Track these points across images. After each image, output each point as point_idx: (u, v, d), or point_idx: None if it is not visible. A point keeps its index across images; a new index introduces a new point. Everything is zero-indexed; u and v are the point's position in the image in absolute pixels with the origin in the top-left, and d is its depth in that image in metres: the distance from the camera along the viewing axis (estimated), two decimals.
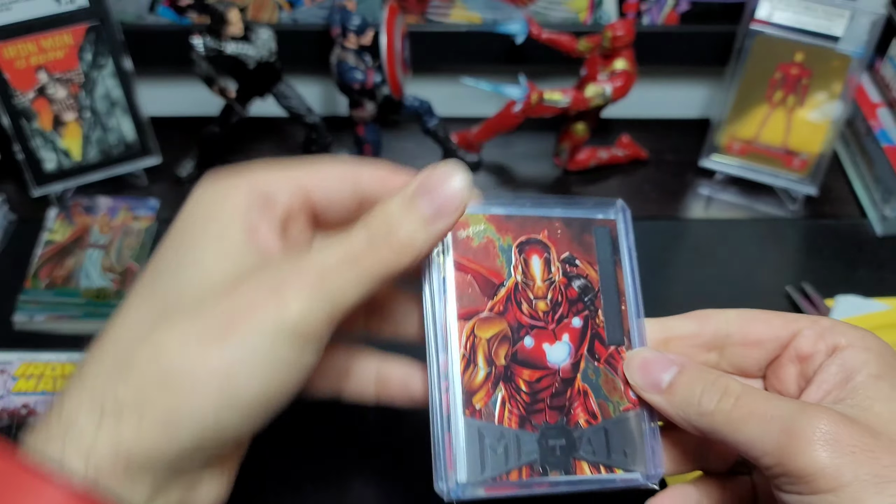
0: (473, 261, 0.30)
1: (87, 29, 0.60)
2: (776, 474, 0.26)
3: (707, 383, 0.27)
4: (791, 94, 0.64)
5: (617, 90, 0.61)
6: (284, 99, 0.63)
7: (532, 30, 0.63)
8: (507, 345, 0.29)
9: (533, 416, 0.29)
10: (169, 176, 0.66)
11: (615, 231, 0.32)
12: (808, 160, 0.65)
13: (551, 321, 0.30)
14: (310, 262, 0.25)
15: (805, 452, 0.25)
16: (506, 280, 0.30)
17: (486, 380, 0.29)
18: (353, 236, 0.26)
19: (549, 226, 0.31)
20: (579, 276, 0.31)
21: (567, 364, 0.30)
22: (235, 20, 0.57)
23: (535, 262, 0.30)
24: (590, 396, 0.30)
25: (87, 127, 0.63)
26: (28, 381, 0.52)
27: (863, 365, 0.27)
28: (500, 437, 0.28)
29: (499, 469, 0.28)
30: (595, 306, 0.31)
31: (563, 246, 0.31)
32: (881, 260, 0.62)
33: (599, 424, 0.30)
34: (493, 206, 0.30)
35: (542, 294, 0.30)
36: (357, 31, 0.60)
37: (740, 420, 0.26)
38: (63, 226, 0.61)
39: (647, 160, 0.70)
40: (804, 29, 0.61)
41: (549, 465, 0.29)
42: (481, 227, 0.30)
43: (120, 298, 0.56)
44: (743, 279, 0.60)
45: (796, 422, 0.25)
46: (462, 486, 0.27)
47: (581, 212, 0.31)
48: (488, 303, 0.29)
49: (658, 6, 0.68)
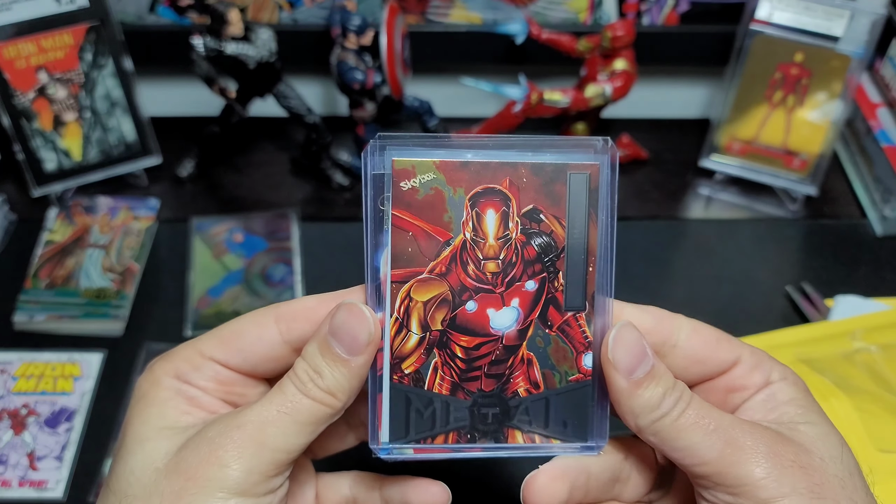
0: (416, 216, 0.27)
1: (87, 29, 0.60)
2: (711, 485, 0.26)
3: (668, 385, 0.27)
4: (791, 94, 0.64)
5: (617, 90, 0.61)
6: (284, 99, 0.63)
7: (532, 30, 0.64)
8: (446, 309, 0.27)
9: (466, 384, 0.28)
10: (169, 176, 0.67)
11: (596, 179, 0.27)
12: (808, 160, 0.65)
13: (500, 284, 0.28)
14: (245, 419, 0.26)
15: (747, 463, 0.25)
16: (452, 238, 0.27)
17: (419, 346, 0.27)
18: (284, 388, 0.27)
19: (512, 173, 0.27)
20: (541, 234, 0.27)
21: (513, 331, 0.28)
22: (236, 20, 0.57)
23: (490, 216, 0.27)
24: (534, 365, 0.28)
25: (88, 127, 0.63)
26: (28, 380, 0.52)
27: (791, 398, 0.28)
28: (428, 403, 0.28)
29: (423, 433, 0.28)
30: (556, 268, 0.28)
31: (527, 197, 0.27)
32: (881, 260, 0.62)
33: (541, 394, 0.28)
34: (445, 150, 0.27)
35: (493, 254, 0.27)
36: (357, 31, 0.60)
37: (685, 427, 0.26)
38: (63, 226, 0.61)
39: (647, 160, 0.70)
40: (804, 29, 0.61)
41: (479, 433, 0.28)
42: (429, 177, 0.27)
43: (120, 298, 0.56)
44: (743, 279, 0.60)
45: (739, 435, 0.26)
46: (387, 447, 0.28)
47: (555, 155, 0.27)
48: (429, 263, 0.27)
49: (658, 6, 0.68)
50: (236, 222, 0.62)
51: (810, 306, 0.57)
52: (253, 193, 0.66)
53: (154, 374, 0.29)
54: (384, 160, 0.27)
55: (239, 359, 0.29)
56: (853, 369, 0.51)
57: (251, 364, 0.29)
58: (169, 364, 0.29)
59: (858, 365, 0.52)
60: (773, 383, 0.28)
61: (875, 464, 0.46)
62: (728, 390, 0.29)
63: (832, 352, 0.53)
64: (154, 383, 0.29)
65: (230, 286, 0.58)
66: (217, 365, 0.29)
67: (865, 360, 0.52)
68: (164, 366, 0.29)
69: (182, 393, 0.29)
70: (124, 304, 0.56)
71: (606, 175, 0.28)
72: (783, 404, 0.28)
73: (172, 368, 0.29)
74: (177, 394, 0.29)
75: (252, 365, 0.29)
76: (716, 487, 0.26)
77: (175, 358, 0.29)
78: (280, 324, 0.29)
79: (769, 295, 0.59)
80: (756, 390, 0.28)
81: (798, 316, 0.57)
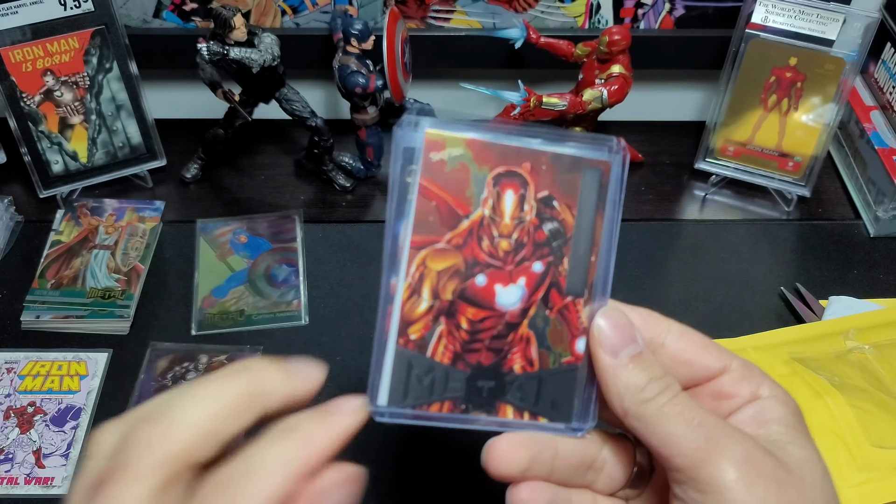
0: (441, 187, 0.28)
1: (92, 33, 0.61)
2: (684, 479, 0.26)
3: (656, 374, 0.27)
4: (785, 97, 0.64)
5: (613, 94, 0.62)
6: (288, 102, 0.64)
7: (530, 35, 0.64)
8: (458, 280, 0.28)
9: (467, 355, 0.28)
10: (174, 178, 0.67)
11: (607, 175, 0.29)
12: (802, 162, 0.66)
13: (510, 262, 0.28)
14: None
15: (721, 463, 0.25)
16: (472, 212, 0.28)
17: (427, 312, 0.28)
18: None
19: (534, 159, 0.28)
20: (553, 219, 0.29)
21: (517, 308, 0.29)
22: (239, 25, 0.58)
23: (509, 197, 0.28)
24: (532, 344, 0.29)
25: (93, 129, 0.64)
26: (34, 379, 0.53)
27: (780, 416, 0.28)
28: (428, 370, 0.28)
29: (421, 399, 0.28)
30: (562, 253, 0.29)
31: (544, 183, 0.28)
32: (874, 261, 0.63)
33: (535, 373, 0.29)
34: (476, 131, 0.28)
35: (506, 233, 0.28)
36: (359, 36, 0.60)
37: (670, 416, 0.26)
38: (69, 227, 0.62)
39: (643, 162, 0.71)
40: (798, 33, 0.62)
41: (473, 404, 0.29)
42: (458, 152, 0.28)
43: (125, 298, 0.57)
44: (738, 280, 0.61)
45: (721, 435, 0.26)
46: (384, 410, 0.28)
47: (574, 148, 0.29)
48: (447, 234, 0.28)
49: (654, 11, 0.69)
50: (241, 224, 0.63)
51: (804, 307, 0.58)
52: (257, 195, 0.67)
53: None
54: (416, 134, 0.28)
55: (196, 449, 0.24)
56: (847, 368, 0.52)
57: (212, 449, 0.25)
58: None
59: (852, 364, 0.52)
60: (763, 399, 0.28)
61: (871, 459, 0.47)
62: (715, 396, 0.29)
63: (826, 351, 0.53)
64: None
65: (234, 286, 0.59)
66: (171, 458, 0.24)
67: (859, 359, 0.53)
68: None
69: None
70: (130, 303, 0.57)
71: (617, 173, 0.29)
72: (772, 421, 0.28)
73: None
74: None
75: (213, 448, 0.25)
76: (688, 483, 0.26)
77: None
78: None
79: (764, 295, 0.59)
80: (744, 402, 0.29)
81: (792, 316, 0.58)
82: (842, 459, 0.47)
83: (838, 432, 0.48)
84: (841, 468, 0.46)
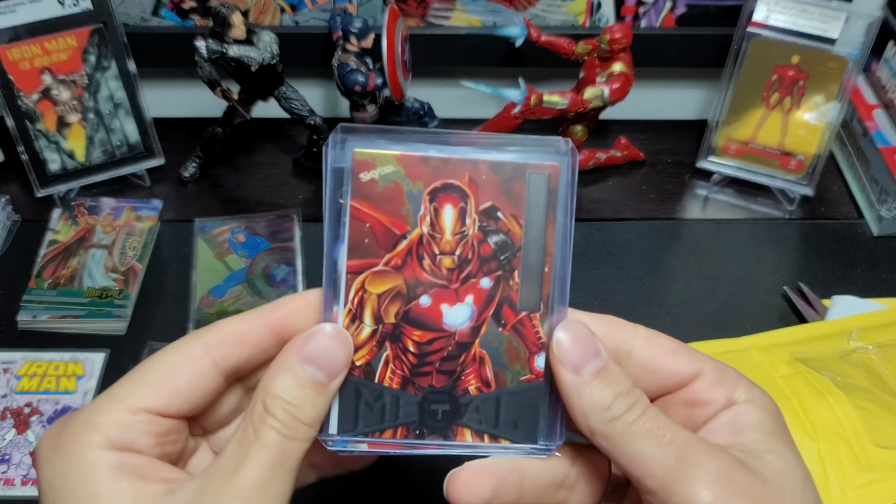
0: (375, 208, 0.27)
1: (90, 31, 0.61)
2: (657, 501, 0.25)
3: (623, 389, 0.26)
4: (787, 95, 0.64)
5: (615, 92, 0.62)
6: (287, 101, 0.63)
7: (531, 33, 0.64)
8: (400, 302, 0.27)
9: (417, 379, 0.28)
10: (172, 177, 0.67)
11: (555, 179, 0.27)
12: (805, 161, 0.66)
13: (455, 280, 0.27)
14: (238, 488, 0.24)
15: (694, 484, 0.24)
16: (409, 231, 0.27)
17: (371, 338, 0.27)
18: (265, 437, 0.25)
19: (472, 169, 0.27)
20: (498, 232, 0.27)
21: (466, 328, 0.28)
22: (238, 23, 0.58)
23: (448, 212, 0.27)
24: (486, 363, 0.28)
25: (91, 128, 0.63)
26: (31, 380, 0.52)
27: (757, 422, 0.27)
28: (377, 396, 0.27)
29: (372, 426, 0.27)
30: (511, 267, 0.27)
31: (485, 194, 0.27)
32: (877, 260, 0.62)
33: (492, 393, 0.28)
34: (407, 145, 0.27)
35: (449, 249, 0.27)
36: (358, 34, 0.60)
37: (639, 435, 0.25)
38: (67, 226, 0.62)
39: (645, 161, 0.70)
40: (800, 31, 0.62)
41: (428, 429, 0.28)
42: (389, 169, 0.27)
43: (123, 298, 0.56)
44: (740, 279, 0.60)
45: (693, 453, 0.25)
46: (341, 440, 0.27)
47: (516, 154, 0.27)
48: (385, 255, 0.27)
49: (655, 9, 0.69)
50: (239, 223, 0.63)
51: (807, 306, 0.58)
52: (255, 194, 0.66)
53: (79, 451, 0.24)
54: (345, 153, 0.27)
55: (179, 402, 0.26)
56: (850, 369, 0.52)
57: (191, 405, 0.26)
58: (95, 434, 0.24)
59: (855, 364, 0.52)
60: (739, 403, 0.27)
61: (874, 460, 0.46)
62: (688, 405, 0.28)
63: (829, 351, 0.53)
64: (87, 466, 0.24)
65: (233, 286, 0.58)
66: (153, 416, 0.25)
67: (862, 359, 0.52)
68: (89, 436, 0.24)
69: (127, 467, 0.24)
70: (127, 303, 0.56)
71: (566, 176, 0.27)
72: (748, 428, 0.26)
73: (101, 438, 0.24)
74: (122, 471, 0.24)
75: (192, 405, 0.26)
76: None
77: (99, 422, 0.24)
78: (212, 353, 0.26)
79: (766, 295, 0.59)
80: (719, 408, 0.27)
81: (795, 316, 0.58)
82: (845, 461, 0.46)
83: (841, 433, 0.47)
84: (844, 469, 0.46)
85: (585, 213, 0.66)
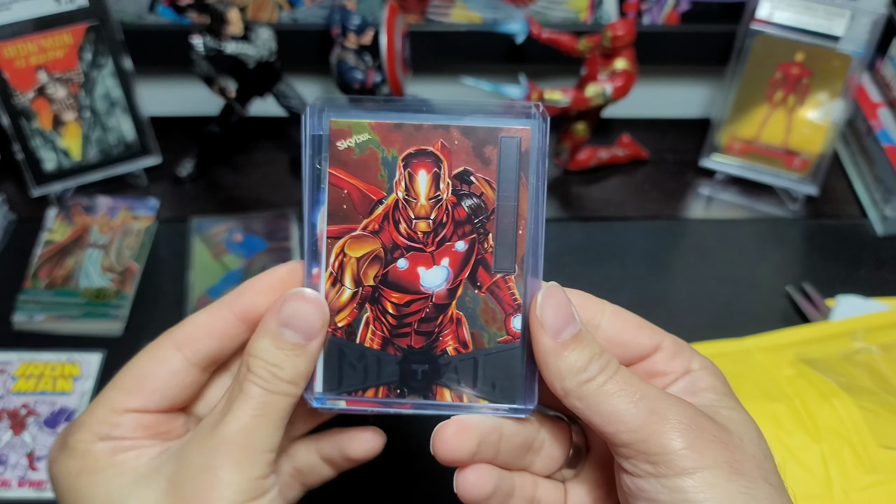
0: (351, 175, 0.28)
1: (86, 29, 0.60)
2: (633, 453, 0.26)
3: (595, 352, 0.27)
4: (791, 93, 0.64)
5: (617, 90, 0.61)
6: (284, 98, 0.63)
7: (532, 29, 0.63)
8: (378, 265, 0.28)
9: (397, 339, 0.29)
10: (169, 176, 0.66)
11: (527, 143, 0.28)
12: (809, 160, 0.65)
13: (431, 243, 0.28)
14: (228, 434, 0.26)
15: (670, 432, 0.25)
16: (385, 196, 0.28)
17: (352, 300, 0.28)
18: (248, 391, 0.27)
19: (445, 135, 0.28)
20: (472, 195, 0.28)
21: (443, 290, 0.28)
22: (235, 20, 0.57)
23: (422, 177, 0.28)
24: (463, 325, 0.29)
25: (87, 127, 0.63)
26: (28, 380, 0.52)
27: (711, 385, 0.29)
28: (360, 357, 0.28)
29: (355, 385, 0.28)
30: (485, 230, 0.28)
31: (458, 159, 0.28)
32: (882, 260, 0.62)
33: (469, 354, 0.29)
34: (380, 113, 0.28)
35: (424, 213, 0.28)
36: (357, 30, 0.60)
37: (611, 393, 0.26)
38: (63, 226, 0.61)
39: (648, 160, 0.70)
40: (805, 29, 0.61)
41: (409, 389, 0.29)
42: (365, 137, 0.28)
43: (119, 298, 0.56)
44: (743, 279, 0.60)
45: (664, 406, 0.26)
46: (320, 397, 0.28)
47: (487, 119, 0.28)
48: (363, 220, 0.28)
49: (658, 6, 0.68)
50: (236, 222, 0.62)
51: (811, 306, 0.57)
52: (252, 193, 0.66)
53: (75, 447, 0.28)
54: (322, 122, 0.28)
55: (157, 400, 0.28)
56: (854, 369, 0.51)
57: (171, 400, 0.29)
58: (87, 432, 0.28)
59: (859, 365, 0.52)
60: (694, 371, 0.29)
61: (878, 461, 0.46)
62: (649, 375, 0.29)
63: (833, 352, 0.52)
64: (83, 456, 0.28)
65: (230, 286, 0.58)
66: (136, 414, 0.28)
67: (866, 360, 0.52)
68: (82, 435, 0.28)
69: (118, 449, 0.28)
70: (124, 304, 0.56)
71: (538, 139, 0.28)
72: (703, 391, 0.29)
73: (93, 435, 0.28)
74: (113, 452, 0.28)
75: (171, 400, 0.29)
76: (637, 456, 0.26)
77: (89, 423, 0.28)
78: (183, 350, 0.29)
79: (770, 295, 0.59)
80: (677, 377, 0.29)
81: (799, 316, 0.57)
82: (848, 462, 0.46)
83: (845, 435, 0.47)
84: (847, 471, 0.46)
85: (587, 212, 0.65)
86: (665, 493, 0.25)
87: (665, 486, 0.25)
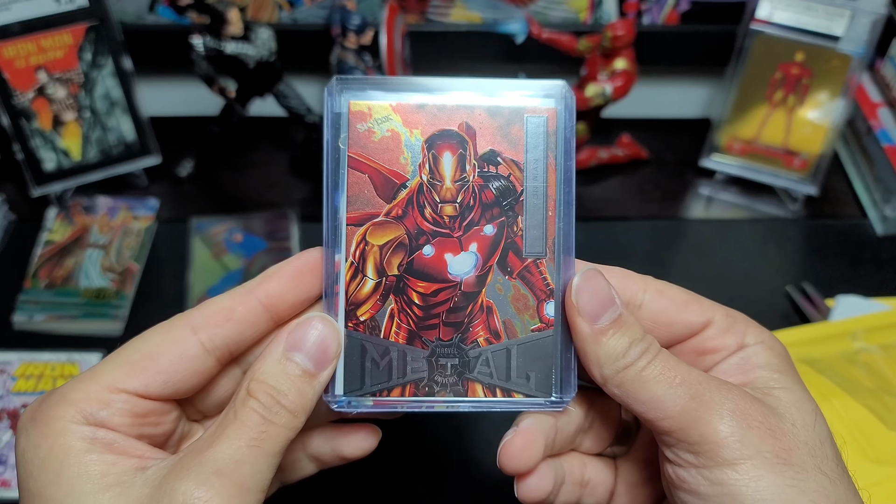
0: (371, 158, 0.26)
1: (86, 29, 0.60)
2: (674, 441, 0.25)
3: (636, 337, 0.25)
4: (791, 93, 0.64)
5: (617, 90, 0.61)
6: (284, 98, 0.63)
7: (532, 29, 0.63)
8: (403, 253, 0.27)
9: (424, 332, 0.27)
10: (168, 176, 0.66)
11: (553, 122, 0.27)
12: (809, 160, 0.65)
13: (458, 228, 0.27)
14: (219, 463, 0.23)
15: (711, 420, 0.24)
16: (409, 180, 0.26)
17: (375, 291, 0.26)
18: (245, 418, 0.24)
19: (469, 116, 0.27)
20: (499, 177, 0.27)
21: (472, 277, 0.27)
22: (235, 20, 0.57)
23: (447, 159, 0.27)
24: (494, 313, 0.27)
25: (87, 127, 0.63)
26: (28, 381, 0.52)
27: (766, 362, 0.27)
28: (384, 353, 0.27)
29: (380, 385, 0.27)
30: (515, 212, 0.27)
31: (484, 140, 0.27)
32: (882, 260, 0.62)
33: (502, 344, 0.27)
34: (401, 94, 0.26)
35: (450, 197, 0.27)
36: (357, 30, 0.60)
37: (651, 379, 0.25)
38: (62, 226, 0.61)
39: (648, 160, 0.70)
40: (804, 29, 0.61)
41: (438, 385, 0.27)
42: (385, 119, 0.26)
43: (119, 298, 0.56)
44: (743, 279, 0.60)
45: (706, 390, 0.25)
46: (342, 399, 0.27)
47: (512, 98, 0.27)
48: (385, 206, 0.26)
49: (658, 6, 0.68)
50: (236, 222, 0.62)
51: (811, 306, 0.57)
52: (252, 193, 0.66)
53: (52, 423, 0.24)
54: (342, 102, 0.27)
55: (160, 384, 0.25)
56: (854, 370, 0.51)
57: (175, 387, 0.26)
58: (69, 407, 0.24)
59: (859, 365, 0.52)
60: (749, 346, 0.27)
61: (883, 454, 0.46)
62: (698, 353, 0.28)
63: (833, 352, 0.52)
64: (58, 436, 0.24)
65: (230, 286, 0.58)
66: (132, 397, 0.25)
67: (866, 360, 0.52)
68: (63, 410, 0.24)
69: (99, 441, 0.24)
70: (124, 304, 0.56)
71: (565, 118, 0.27)
72: (758, 368, 0.26)
73: (76, 412, 0.24)
74: (93, 443, 0.24)
75: (176, 387, 0.26)
76: (678, 445, 0.24)
77: (75, 397, 0.24)
78: (199, 334, 0.26)
79: (770, 295, 0.59)
80: (729, 353, 0.27)
81: (799, 316, 0.57)
82: (850, 463, 0.46)
83: (846, 435, 0.47)
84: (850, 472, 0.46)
85: (587, 212, 0.65)
86: (705, 484, 0.24)
87: (706, 477, 0.24)
